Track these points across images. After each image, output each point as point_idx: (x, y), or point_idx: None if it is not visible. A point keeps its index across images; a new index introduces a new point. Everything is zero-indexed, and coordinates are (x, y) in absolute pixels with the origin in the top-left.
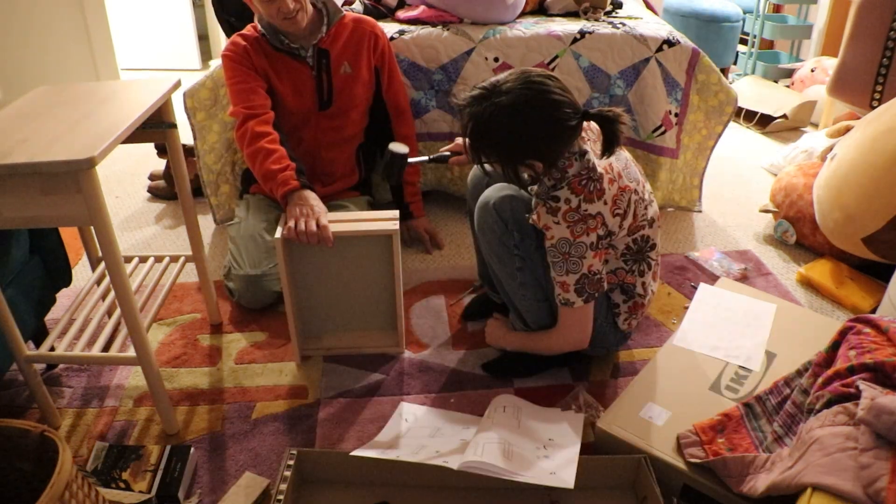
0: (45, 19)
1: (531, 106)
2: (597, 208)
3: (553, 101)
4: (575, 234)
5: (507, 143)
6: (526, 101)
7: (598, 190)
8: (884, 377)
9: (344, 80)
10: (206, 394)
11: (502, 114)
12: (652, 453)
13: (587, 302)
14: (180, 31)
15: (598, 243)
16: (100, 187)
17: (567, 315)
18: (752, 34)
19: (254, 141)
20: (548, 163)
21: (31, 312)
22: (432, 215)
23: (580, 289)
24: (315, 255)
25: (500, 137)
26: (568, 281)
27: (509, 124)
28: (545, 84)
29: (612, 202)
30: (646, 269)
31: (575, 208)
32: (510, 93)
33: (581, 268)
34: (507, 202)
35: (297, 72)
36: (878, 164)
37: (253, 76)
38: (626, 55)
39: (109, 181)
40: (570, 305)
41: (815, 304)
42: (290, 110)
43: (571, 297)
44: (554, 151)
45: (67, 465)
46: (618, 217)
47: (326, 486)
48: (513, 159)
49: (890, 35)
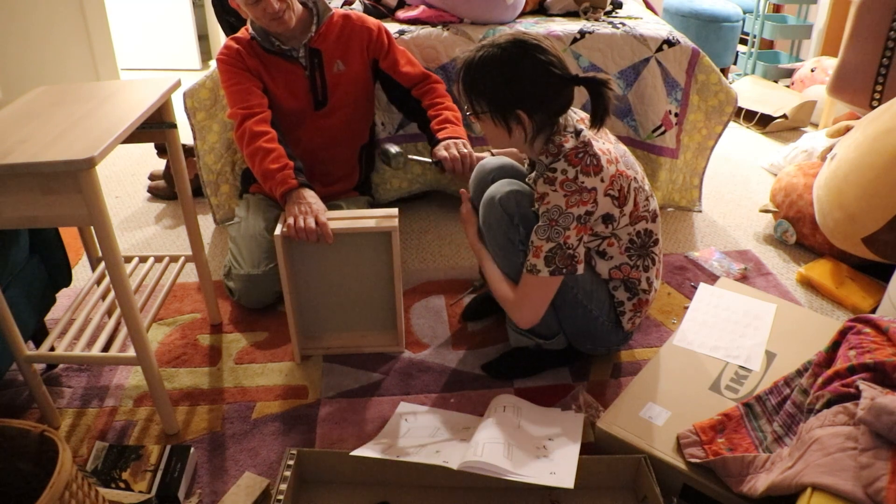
0: (45, 19)
1: (523, 53)
2: (592, 183)
3: (544, 50)
4: (569, 204)
5: (498, 88)
6: (518, 48)
7: (595, 165)
8: (884, 377)
9: (337, 77)
10: (206, 394)
11: (494, 59)
12: (652, 453)
13: (552, 275)
14: (180, 31)
15: (584, 217)
16: (100, 187)
17: (527, 283)
18: (752, 34)
19: (252, 140)
20: (538, 118)
21: (31, 312)
22: (432, 215)
23: (550, 258)
24: (315, 254)
25: (491, 80)
26: (543, 247)
27: (501, 68)
28: (538, 40)
29: (608, 181)
30: (650, 265)
31: (572, 179)
32: (503, 44)
33: (559, 237)
34: (512, 197)
35: (291, 73)
36: (878, 164)
37: (248, 77)
38: (625, 55)
39: (109, 181)
40: (535, 273)
41: (815, 304)
42: (286, 111)
43: (539, 265)
44: (544, 104)
45: (67, 465)
46: (613, 199)
47: (326, 486)
48: (503, 107)
49: (890, 35)
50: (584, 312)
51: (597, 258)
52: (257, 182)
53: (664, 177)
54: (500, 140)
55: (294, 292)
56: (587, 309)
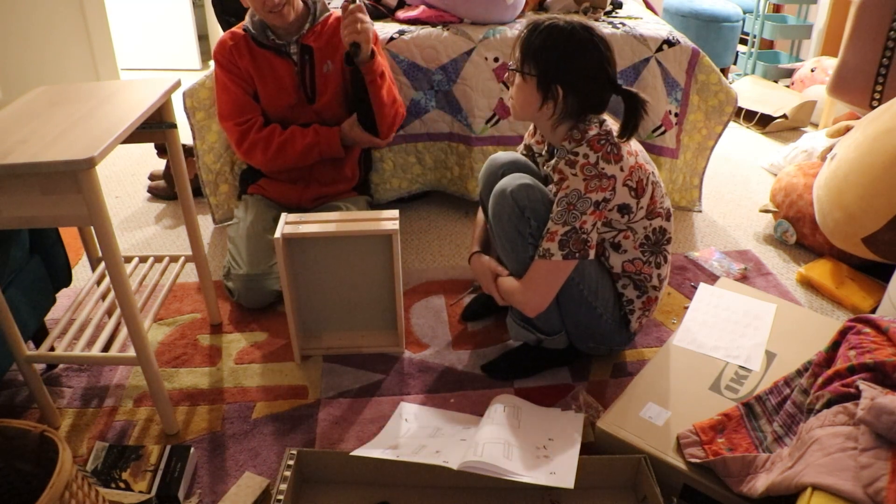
0: (45, 19)
1: (589, 38)
2: (612, 170)
3: (608, 47)
4: (588, 189)
5: (552, 58)
6: (587, 33)
7: (616, 154)
8: (884, 377)
9: (326, 77)
10: (206, 394)
11: (562, 32)
12: (652, 453)
13: (565, 259)
14: (180, 31)
15: (601, 204)
16: (100, 187)
17: (539, 268)
18: (752, 34)
19: (268, 144)
20: (571, 103)
21: (31, 312)
22: (432, 215)
23: (564, 241)
24: (315, 254)
25: (550, 48)
26: (558, 231)
27: (564, 41)
28: (605, 37)
29: (627, 171)
30: (662, 262)
31: (593, 164)
32: (575, 23)
33: (576, 221)
34: (523, 190)
35: (280, 69)
36: (877, 164)
37: (239, 82)
38: (626, 55)
39: (109, 181)
40: (548, 257)
41: (815, 304)
42: (272, 111)
43: (553, 248)
44: (583, 91)
45: (67, 465)
46: (630, 190)
47: (326, 486)
48: (548, 76)
49: (890, 35)
50: (588, 309)
51: (611, 250)
52: (256, 183)
53: (664, 177)
54: (528, 107)
55: (294, 292)
56: (592, 306)
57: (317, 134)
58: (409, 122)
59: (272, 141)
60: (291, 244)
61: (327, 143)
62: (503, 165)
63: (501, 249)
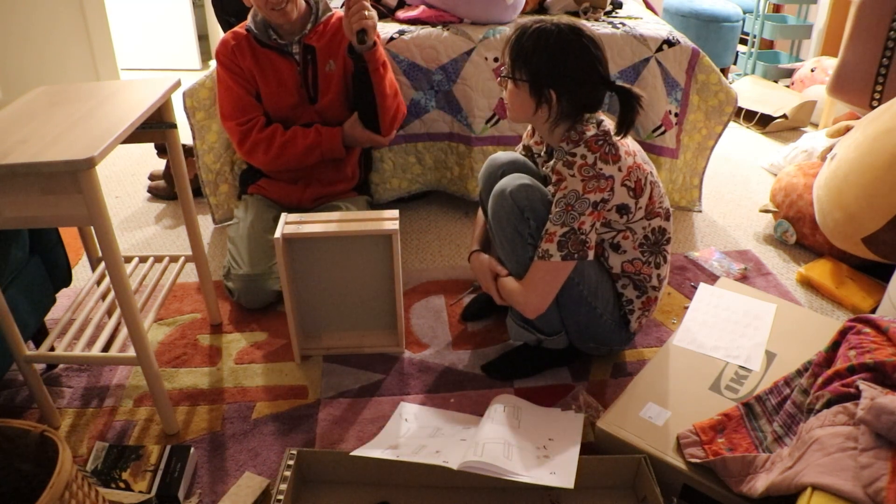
0: (45, 19)
1: (577, 39)
2: (610, 171)
3: (597, 46)
4: (586, 189)
5: (542, 62)
6: (575, 34)
7: (614, 154)
8: (884, 377)
9: (329, 77)
10: (206, 394)
11: (549, 34)
12: (652, 453)
13: (564, 260)
14: (180, 31)
15: (600, 204)
16: (100, 187)
17: (538, 270)
18: (752, 34)
19: (270, 144)
20: (566, 105)
21: (31, 312)
22: (432, 215)
23: (563, 242)
24: (315, 254)
25: (538, 52)
26: (557, 232)
27: (552, 45)
28: (595, 36)
29: (625, 171)
30: (661, 262)
31: (591, 164)
32: (562, 25)
33: (574, 222)
34: (523, 190)
35: (283, 68)
36: (877, 164)
37: (241, 82)
38: (625, 55)
39: (109, 181)
40: (547, 259)
41: (815, 304)
42: (275, 111)
43: (552, 249)
44: (576, 95)
45: (67, 465)
46: (629, 190)
47: (326, 486)
48: (540, 81)
49: (890, 35)
50: (588, 310)
51: (610, 251)
52: (256, 183)
53: (664, 177)
54: (522, 111)
55: (294, 292)
56: (591, 306)
57: (318, 134)
58: (409, 122)
59: (274, 141)
60: (291, 244)
61: (329, 144)
62: (503, 165)
63: (501, 250)
